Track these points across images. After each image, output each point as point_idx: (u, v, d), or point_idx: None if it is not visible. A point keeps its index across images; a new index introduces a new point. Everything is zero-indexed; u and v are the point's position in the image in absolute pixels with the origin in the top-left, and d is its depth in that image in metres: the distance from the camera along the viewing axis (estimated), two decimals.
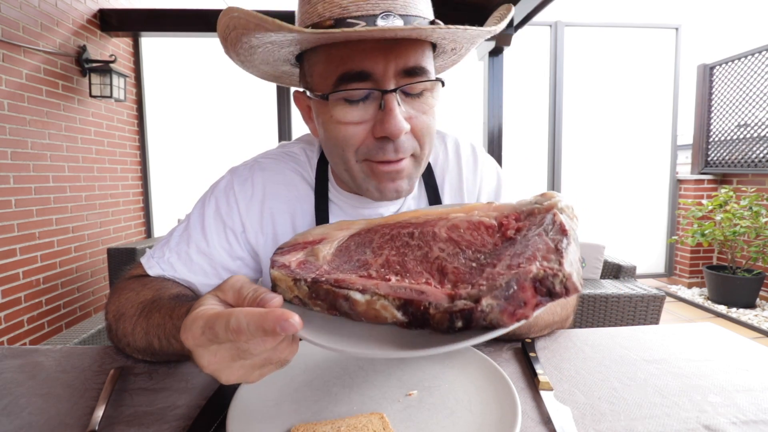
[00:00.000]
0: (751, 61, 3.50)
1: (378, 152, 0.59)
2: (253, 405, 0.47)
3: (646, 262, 4.15)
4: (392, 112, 0.56)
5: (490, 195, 0.80)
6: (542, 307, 0.35)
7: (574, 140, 3.93)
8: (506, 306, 0.35)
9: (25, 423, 0.47)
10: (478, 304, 0.36)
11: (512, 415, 0.44)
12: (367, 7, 0.53)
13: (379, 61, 0.55)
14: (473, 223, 0.48)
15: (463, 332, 0.37)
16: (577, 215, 0.44)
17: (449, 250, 0.45)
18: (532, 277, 0.35)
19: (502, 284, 0.36)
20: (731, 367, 0.58)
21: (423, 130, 0.61)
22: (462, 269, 0.42)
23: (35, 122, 2.39)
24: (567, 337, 0.69)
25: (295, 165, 0.76)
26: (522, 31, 3.14)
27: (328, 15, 0.54)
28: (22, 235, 2.30)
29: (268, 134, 3.57)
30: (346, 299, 0.41)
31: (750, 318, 3.06)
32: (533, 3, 2.63)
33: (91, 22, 2.89)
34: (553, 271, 0.35)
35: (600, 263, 2.00)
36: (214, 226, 0.72)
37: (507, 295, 0.35)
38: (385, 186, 0.62)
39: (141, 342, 0.58)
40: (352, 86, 0.56)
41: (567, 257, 0.36)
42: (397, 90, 0.56)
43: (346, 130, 0.59)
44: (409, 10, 0.55)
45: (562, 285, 0.34)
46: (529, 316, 0.34)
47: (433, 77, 0.60)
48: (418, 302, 0.39)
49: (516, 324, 0.35)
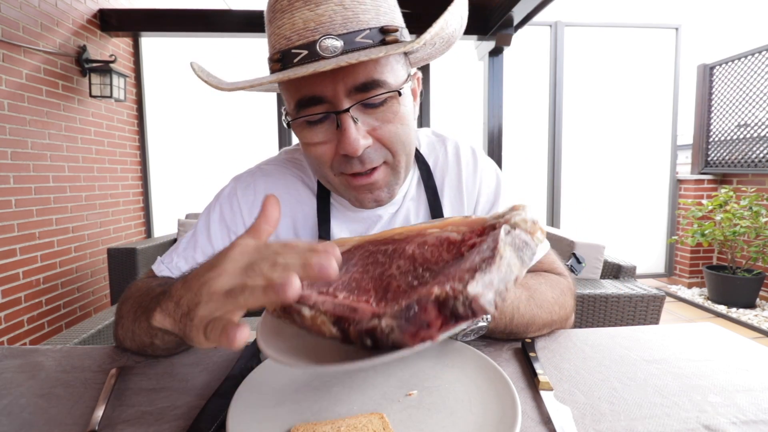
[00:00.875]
0: (751, 61, 3.49)
1: (347, 166, 0.61)
2: (253, 405, 0.47)
3: (646, 262, 4.15)
4: (346, 132, 0.58)
5: (489, 197, 0.80)
6: (451, 329, 0.34)
7: (574, 140, 3.93)
8: (407, 327, 0.35)
9: (25, 423, 0.47)
10: (380, 323, 0.36)
11: (512, 415, 0.44)
12: (306, 35, 0.55)
13: (327, 85, 0.57)
14: (440, 239, 0.48)
15: (378, 350, 0.37)
16: (541, 228, 0.43)
17: (404, 268, 0.46)
18: (434, 300, 0.34)
19: (403, 305, 0.36)
20: (731, 367, 0.58)
21: (390, 139, 0.61)
22: (402, 287, 0.43)
23: (35, 122, 2.39)
24: (567, 337, 0.69)
25: (296, 170, 0.78)
26: (522, 31, 3.14)
27: (278, 47, 0.58)
28: (22, 235, 2.30)
29: (269, 134, 3.58)
30: (299, 314, 0.43)
31: (750, 318, 3.06)
32: (533, 3, 2.63)
33: (91, 22, 2.89)
34: (455, 292, 0.34)
35: (600, 263, 2.00)
36: (219, 232, 0.75)
37: (408, 316, 0.35)
38: (364, 197, 0.65)
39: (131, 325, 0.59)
40: (309, 111, 0.59)
41: (482, 278, 0.35)
42: (352, 108, 0.58)
43: (315, 149, 0.62)
44: (349, 27, 0.55)
45: (466, 307, 0.34)
46: (435, 337, 0.34)
47: (394, 86, 0.60)
48: (346, 319, 0.40)
49: (421, 344, 0.34)
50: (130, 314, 0.60)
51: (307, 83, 0.57)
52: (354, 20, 0.56)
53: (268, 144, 3.59)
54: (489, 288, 0.35)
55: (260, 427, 0.44)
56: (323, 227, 0.74)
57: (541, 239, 0.42)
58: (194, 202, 3.47)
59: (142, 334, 0.57)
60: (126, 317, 0.61)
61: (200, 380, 0.56)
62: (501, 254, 0.37)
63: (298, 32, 0.55)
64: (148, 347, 0.60)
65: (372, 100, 0.58)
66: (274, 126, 3.56)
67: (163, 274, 0.73)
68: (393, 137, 0.62)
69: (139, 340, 0.59)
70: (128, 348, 0.63)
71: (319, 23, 0.55)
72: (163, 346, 0.59)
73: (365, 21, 0.56)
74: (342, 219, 0.76)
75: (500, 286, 0.36)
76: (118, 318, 0.64)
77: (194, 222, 1.54)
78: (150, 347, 0.59)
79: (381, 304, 0.42)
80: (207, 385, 0.54)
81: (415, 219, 0.77)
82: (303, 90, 0.58)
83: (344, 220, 0.76)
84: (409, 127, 0.64)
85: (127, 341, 0.62)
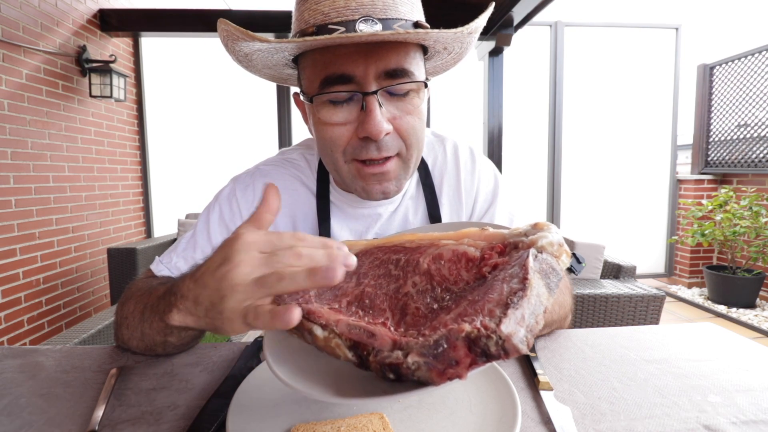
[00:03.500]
0: (751, 61, 3.50)
1: (362, 151, 0.61)
2: (253, 405, 0.47)
3: (646, 262, 4.15)
4: (372, 113, 0.58)
5: (487, 197, 0.81)
6: (480, 366, 0.32)
7: (574, 140, 3.93)
8: (435, 364, 0.33)
9: (25, 423, 0.47)
10: (405, 359, 0.34)
11: (512, 415, 0.44)
12: (346, 13, 0.56)
13: (359, 64, 0.57)
14: (457, 254, 0.45)
15: (397, 383, 0.35)
16: (567, 251, 0.40)
17: (420, 286, 0.44)
18: (464, 337, 0.32)
19: (431, 342, 0.34)
20: (731, 367, 0.58)
21: (408, 130, 0.63)
22: (422, 310, 0.41)
23: (35, 122, 2.39)
24: (567, 337, 0.69)
25: (294, 171, 0.79)
26: (522, 31, 3.14)
27: (312, 22, 0.58)
28: (22, 235, 2.30)
29: (268, 134, 3.57)
30: (310, 333, 0.41)
31: (750, 318, 3.06)
32: (533, 3, 2.63)
33: (91, 22, 2.89)
34: (488, 331, 0.32)
35: (600, 263, 2.00)
36: (219, 232, 0.75)
37: (436, 353, 0.33)
38: (372, 187, 0.65)
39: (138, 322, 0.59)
40: (335, 89, 0.59)
41: (514, 314, 0.33)
42: (378, 92, 0.58)
43: (332, 130, 0.62)
44: (388, 14, 0.57)
45: (498, 347, 0.32)
46: (463, 375, 0.32)
47: (419, 79, 0.62)
48: (365, 346, 0.38)
49: (448, 382, 0.33)
50: (136, 315, 0.59)
51: (339, 61, 0.57)
52: (393, 8, 0.58)
53: (268, 144, 3.58)
54: (521, 324, 0.33)
55: (260, 427, 0.44)
56: (323, 226, 0.74)
57: (567, 262, 0.40)
58: (194, 202, 3.47)
59: (154, 333, 0.56)
60: (131, 317, 0.60)
61: (200, 380, 0.56)
62: (531, 285, 0.35)
63: (338, 10, 0.56)
64: (159, 346, 0.59)
65: (397, 89, 0.60)
66: (274, 126, 3.56)
67: (163, 274, 0.73)
68: (410, 129, 0.63)
69: (149, 339, 0.58)
70: (134, 348, 0.62)
71: (360, 4, 0.56)
72: (178, 342, 0.59)
73: (403, 12, 0.59)
74: (342, 217, 0.76)
75: (531, 321, 0.33)
76: (121, 319, 0.63)
77: (194, 222, 1.54)
78: (162, 345, 0.59)
79: (400, 329, 0.40)
80: (207, 385, 0.54)
81: (414, 217, 0.78)
82: (332, 67, 0.58)
83: (344, 218, 0.76)
84: (423, 124, 0.66)
85: (133, 341, 0.61)
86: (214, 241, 0.75)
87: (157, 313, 0.52)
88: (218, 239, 0.75)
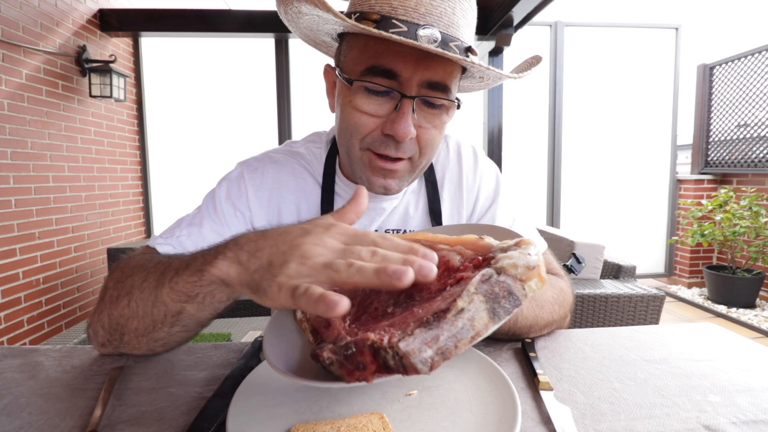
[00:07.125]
0: (751, 61, 3.50)
1: (381, 145, 0.63)
2: (253, 405, 0.47)
3: (646, 262, 4.15)
4: (404, 116, 0.60)
5: (488, 195, 0.82)
6: (386, 376, 0.34)
7: (574, 140, 3.93)
8: (345, 363, 0.35)
9: (25, 423, 0.47)
10: (323, 352, 0.37)
11: (512, 415, 0.44)
12: (413, 15, 0.56)
13: (408, 66, 0.58)
14: (441, 261, 0.44)
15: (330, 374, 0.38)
16: (541, 274, 0.38)
17: None
18: (369, 345, 0.34)
19: (343, 343, 0.36)
20: (731, 367, 0.58)
21: (428, 141, 0.65)
22: (379, 311, 0.43)
23: (35, 122, 2.39)
24: (567, 337, 0.69)
25: (302, 161, 0.80)
26: (522, 31, 3.14)
27: (377, 9, 0.57)
28: (22, 235, 2.30)
29: (268, 134, 3.57)
30: (294, 313, 0.46)
31: (750, 318, 3.06)
32: (533, 3, 2.63)
33: (91, 22, 2.89)
34: (390, 344, 0.33)
35: (600, 263, 2.00)
36: (227, 208, 0.75)
37: (346, 354, 0.35)
38: (377, 180, 0.66)
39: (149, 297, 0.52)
40: (378, 80, 0.60)
41: (422, 334, 0.33)
42: (417, 98, 0.60)
43: (360, 117, 0.63)
44: (450, 31, 0.59)
45: (397, 362, 0.32)
46: (369, 380, 0.34)
47: (453, 98, 0.64)
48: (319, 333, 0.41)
49: (356, 383, 0.35)
50: (151, 281, 0.52)
51: (390, 56, 0.58)
52: (455, 27, 0.59)
53: (268, 144, 3.58)
54: (429, 345, 0.33)
55: (260, 427, 0.44)
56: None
57: (536, 288, 0.38)
58: (194, 202, 3.44)
59: (173, 299, 0.50)
60: (138, 289, 0.53)
61: (200, 380, 0.56)
62: (458, 308, 0.35)
63: (406, 8, 0.56)
64: (164, 323, 0.53)
65: (434, 101, 0.62)
66: (274, 126, 3.55)
67: (164, 249, 0.68)
68: (430, 141, 0.65)
69: (159, 312, 0.52)
70: (128, 330, 0.55)
71: (429, 12, 0.57)
72: (196, 312, 0.51)
73: (462, 34, 0.61)
74: None
75: (448, 344, 0.33)
76: (122, 293, 0.55)
77: None
78: (169, 322, 0.52)
79: (353, 326, 0.41)
80: (207, 385, 0.54)
81: (414, 212, 0.79)
82: (382, 59, 0.59)
83: None
84: (441, 138, 0.68)
85: (134, 321, 0.54)
86: (222, 216, 0.73)
87: (189, 270, 0.48)
88: (227, 214, 0.74)
